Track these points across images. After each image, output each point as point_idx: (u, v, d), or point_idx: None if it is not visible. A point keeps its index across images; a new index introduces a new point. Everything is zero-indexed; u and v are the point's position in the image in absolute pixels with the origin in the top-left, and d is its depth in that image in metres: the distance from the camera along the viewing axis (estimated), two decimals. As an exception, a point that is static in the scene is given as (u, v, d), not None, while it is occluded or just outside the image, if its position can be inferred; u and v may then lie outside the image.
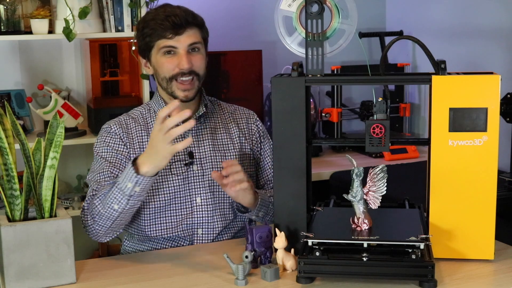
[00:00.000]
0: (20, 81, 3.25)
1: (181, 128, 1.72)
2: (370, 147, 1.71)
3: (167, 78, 2.03)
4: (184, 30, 2.01)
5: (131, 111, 2.16)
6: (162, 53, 2.02)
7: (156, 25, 2.00)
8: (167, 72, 2.03)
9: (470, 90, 1.69)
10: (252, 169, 2.16)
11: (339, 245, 1.65)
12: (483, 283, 1.65)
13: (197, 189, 2.05)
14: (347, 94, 3.80)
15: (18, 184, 1.67)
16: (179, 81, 2.02)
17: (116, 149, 2.04)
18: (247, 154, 2.15)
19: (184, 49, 2.01)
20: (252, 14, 3.64)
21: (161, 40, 2.01)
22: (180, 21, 2.00)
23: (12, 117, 1.69)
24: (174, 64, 2.01)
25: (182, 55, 2.01)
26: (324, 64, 1.75)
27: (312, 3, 1.71)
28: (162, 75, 2.04)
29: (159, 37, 2.00)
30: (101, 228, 1.90)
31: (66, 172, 3.32)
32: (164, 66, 2.03)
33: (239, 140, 2.15)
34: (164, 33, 2.00)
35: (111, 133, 2.06)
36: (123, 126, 2.08)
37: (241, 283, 1.63)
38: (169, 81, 2.03)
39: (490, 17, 3.22)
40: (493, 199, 1.72)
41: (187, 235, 2.05)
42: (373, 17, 3.93)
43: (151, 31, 2.01)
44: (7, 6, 2.92)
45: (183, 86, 2.02)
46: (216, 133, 2.13)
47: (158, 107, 2.10)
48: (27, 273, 1.63)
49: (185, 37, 2.01)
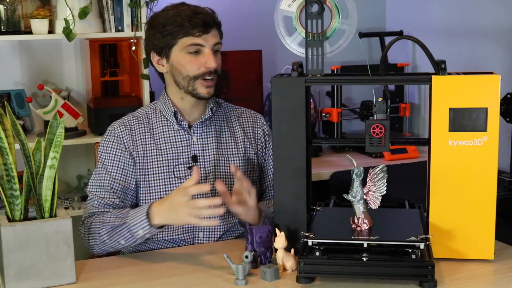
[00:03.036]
0: (20, 81, 3.25)
1: (209, 211, 1.77)
2: (370, 147, 1.71)
3: (190, 77, 2.01)
4: (211, 29, 2.01)
5: (137, 110, 2.16)
6: (186, 52, 2.00)
7: (184, 21, 1.98)
8: (191, 70, 2.01)
9: (470, 90, 1.69)
10: (256, 175, 2.15)
11: (339, 245, 1.65)
12: (483, 283, 1.65)
13: None
14: (347, 94, 3.80)
15: (18, 184, 1.67)
16: (204, 79, 2.01)
17: (119, 157, 2.04)
18: (251, 159, 2.14)
19: (210, 48, 2.01)
20: (252, 14, 3.64)
21: (188, 37, 1.99)
22: (209, 20, 2.00)
23: (12, 117, 1.69)
24: (200, 63, 2.00)
25: (209, 54, 2.00)
26: (324, 64, 1.75)
27: (312, 3, 1.71)
28: (185, 73, 2.02)
29: (187, 34, 1.98)
30: (103, 251, 1.96)
31: (66, 172, 3.32)
32: (188, 65, 2.01)
33: (243, 145, 2.14)
34: (193, 30, 1.98)
35: (114, 137, 2.06)
36: (127, 127, 2.07)
37: (241, 283, 1.63)
38: (192, 80, 2.01)
39: (490, 17, 3.21)
40: (493, 199, 1.72)
41: (188, 238, 2.05)
42: (373, 17, 3.93)
43: (177, 28, 1.99)
44: (7, 6, 2.92)
45: (207, 83, 2.02)
46: (220, 137, 2.12)
47: (165, 107, 2.09)
48: (27, 273, 1.63)
49: (210, 36, 2.01)
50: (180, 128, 2.08)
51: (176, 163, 2.04)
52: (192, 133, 2.09)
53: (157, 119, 2.10)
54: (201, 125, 2.09)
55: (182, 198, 1.78)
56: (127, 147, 2.04)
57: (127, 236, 1.87)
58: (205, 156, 2.07)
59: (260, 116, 2.22)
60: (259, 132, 2.18)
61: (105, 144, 2.06)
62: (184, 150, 2.06)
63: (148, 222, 1.83)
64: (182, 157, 2.05)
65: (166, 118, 2.09)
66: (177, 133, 2.08)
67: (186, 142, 2.07)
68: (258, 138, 2.17)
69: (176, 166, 2.04)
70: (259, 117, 2.22)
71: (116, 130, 2.07)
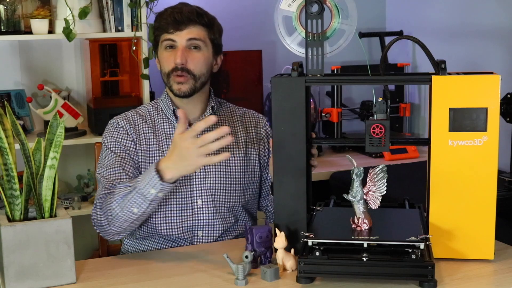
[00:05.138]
0: (20, 81, 3.25)
1: (217, 144, 1.72)
2: (370, 147, 1.71)
3: (165, 73, 2.04)
4: (186, 26, 2.01)
5: (139, 107, 2.16)
6: (163, 47, 2.04)
7: (162, 20, 2.04)
8: (165, 67, 2.04)
9: (470, 90, 1.69)
10: (257, 175, 2.15)
11: (339, 245, 1.65)
12: (483, 283, 1.65)
13: (198, 191, 2.05)
14: (347, 94, 3.80)
15: (18, 184, 1.67)
16: (175, 75, 2.02)
17: (124, 144, 2.04)
18: (252, 159, 2.14)
19: (182, 44, 2.01)
20: (252, 14, 3.64)
21: (164, 34, 2.03)
22: (182, 18, 2.01)
23: (12, 117, 1.69)
24: (172, 59, 2.02)
25: (179, 50, 2.01)
26: (324, 64, 1.75)
27: (312, 3, 1.71)
28: (163, 70, 2.06)
29: (163, 31, 2.03)
30: (117, 229, 1.91)
31: (66, 172, 3.32)
32: (164, 61, 2.05)
33: (245, 145, 2.14)
34: (167, 27, 2.02)
35: (118, 128, 2.06)
36: (130, 121, 2.08)
37: (241, 283, 1.63)
38: (167, 76, 2.04)
39: (490, 17, 3.22)
40: (493, 199, 1.72)
41: (187, 237, 2.05)
42: (373, 17, 3.94)
43: (158, 26, 2.05)
44: (7, 6, 2.92)
45: (178, 79, 2.01)
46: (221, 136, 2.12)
47: (165, 105, 2.10)
48: (27, 273, 1.63)
49: (185, 33, 2.01)
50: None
51: None
52: None
53: (159, 116, 2.10)
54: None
55: (187, 141, 1.74)
56: (132, 138, 2.05)
57: (139, 201, 1.82)
58: None
59: (263, 117, 2.23)
60: (261, 132, 2.19)
61: (110, 134, 2.06)
62: None
63: (159, 178, 1.79)
64: None
65: (167, 116, 2.09)
66: None
67: None
68: (261, 138, 2.18)
69: None
70: (262, 117, 2.22)
71: (120, 123, 2.08)
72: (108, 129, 2.09)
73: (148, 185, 1.80)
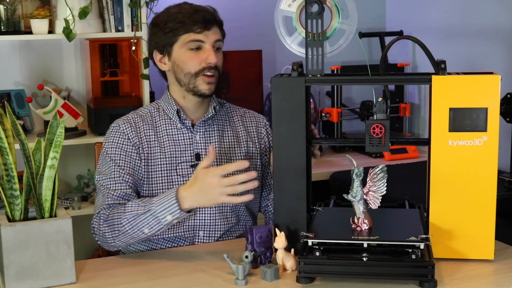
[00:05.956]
0: (20, 81, 3.25)
1: (242, 186, 1.76)
2: (370, 147, 1.71)
3: (191, 73, 2.02)
4: (212, 26, 2.02)
5: (140, 109, 2.16)
6: (187, 48, 2.02)
7: (184, 18, 2.00)
8: (192, 67, 2.02)
9: (470, 90, 1.69)
10: (258, 174, 2.15)
11: (339, 245, 1.65)
12: (483, 283, 1.65)
13: None
14: (347, 94, 3.80)
15: (18, 184, 1.67)
16: (205, 75, 2.02)
17: (125, 151, 2.03)
18: (253, 158, 2.14)
19: (211, 45, 2.02)
20: (252, 14, 3.64)
21: (189, 34, 2.01)
22: (210, 17, 2.02)
23: (12, 117, 1.69)
24: (201, 59, 2.01)
25: (210, 50, 2.01)
26: (324, 64, 1.75)
27: (312, 3, 1.71)
28: (186, 70, 2.03)
29: (187, 30, 2.00)
30: (122, 244, 1.93)
31: (66, 172, 3.32)
32: (189, 61, 2.02)
33: (246, 144, 2.14)
34: (193, 27, 2.00)
35: (119, 133, 2.05)
36: (132, 124, 2.07)
37: (241, 283, 1.63)
38: (193, 76, 2.02)
39: (490, 17, 3.22)
40: (493, 199, 1.72)
41: (188, 237, 2.05)
42: (373, 17, 3.93)
43: (178, 25, 2.01)
44: (7, 6, 2.92)
45: (208, 79, 2.02)
46: (223, 136, 2.13)
47: (168, 106, 2.09)
48: (27, 273, 1.63)
49: (211, 33, 2.02)
50: (183, 126, 2.08)
51: (179, 161, 2.04)
52: (195, 131, 2.09)
53: (160, 117, 2.10)
54: (204, 124, 2.10)
55: (214, 179, 1.76)
56: (133, 143, 2.04)
57: (152, 223, 1.83)
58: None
59: (263, 117, 2.24)
60: (262, 131, 2.19)
61: (111, 140, 2.05)
62: (187, 149, 2.07)
63: (178, 206, 1.81)
64: (185, 155, 2.06)
65: (169, 116, 2.09)
66: (180, 132, 2.08)
67: (189, 141, 2.08)
68: (262, 138, 2.18)
69: (179, 164, 2.04)
70: (262, 117, 2.23)
71: (121, 126, 2.07)
72: (109, 134, 2.07)
73: (166, 211, 1.81)
